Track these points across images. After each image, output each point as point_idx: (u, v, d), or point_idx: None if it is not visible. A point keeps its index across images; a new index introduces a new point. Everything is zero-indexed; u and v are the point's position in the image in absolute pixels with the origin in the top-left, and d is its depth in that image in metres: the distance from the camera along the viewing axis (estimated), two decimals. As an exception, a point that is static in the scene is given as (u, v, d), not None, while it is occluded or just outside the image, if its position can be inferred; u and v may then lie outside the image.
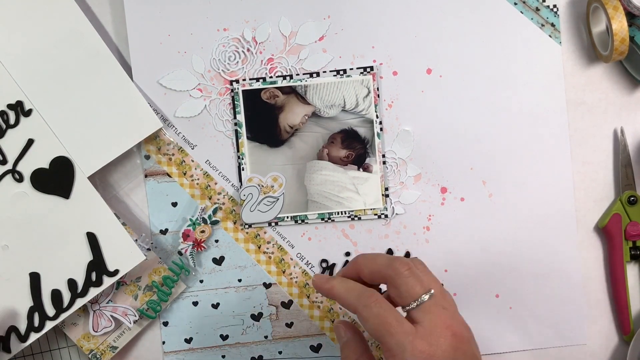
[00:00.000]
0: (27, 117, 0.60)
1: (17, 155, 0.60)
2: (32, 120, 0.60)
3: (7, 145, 0.60)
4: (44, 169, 0.60)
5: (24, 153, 0.60)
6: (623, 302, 0.63)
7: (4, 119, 0.59)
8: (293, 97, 0.63)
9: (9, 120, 0.60)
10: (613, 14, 0.58)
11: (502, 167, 0.63)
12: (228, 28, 0.63)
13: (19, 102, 0.59)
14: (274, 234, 0.64)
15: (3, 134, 0.60)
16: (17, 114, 0.60)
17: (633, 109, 0.64)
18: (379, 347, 0.64)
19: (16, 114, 0.60)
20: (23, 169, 0.60)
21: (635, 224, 0.63)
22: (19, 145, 0.60)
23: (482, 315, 0.64)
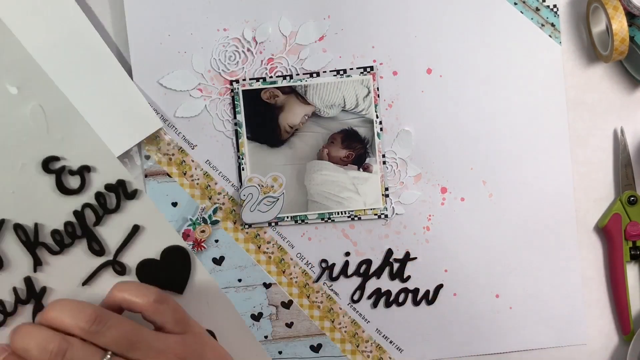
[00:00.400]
0: (131, 199, 0.51)
1: (120, 245, 0.51)
2: (139, 204, 0.50)
3: (108, 233, 0.50)
4: (152, 260, 0.52)
5: (127, 242, 0.51)
6: (623, 302, 0.63)
7: (101, 202, 0.50)
8: (293, 97, 0.63)
9: (108, 204, 0.50)
10: (613, 14, 0.58)
11: (502, 167, 0.63)
12: (228, 28, 0.63)
13: (120, 182, 0.50)
14: (274, 234, 0.64)
15: (100, 221, 0.51)
16: (118, 196, 0.50)
17: (633, 109, 0.64)
18: (379, 347, 0.64)
19: (117, 196, 0.50)
20: (127, 260, 0.51)
21: (635, 224, 0.63)
22: (122, 233, 0.51)
23: (482, 315, 0.64)
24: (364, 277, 0.64)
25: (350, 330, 0.64)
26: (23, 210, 0.48)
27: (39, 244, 0.49)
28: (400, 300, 0.64)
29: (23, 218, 0.48)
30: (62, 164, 0.49)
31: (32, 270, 0.49)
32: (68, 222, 0.49)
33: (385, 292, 0.64)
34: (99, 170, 0.50)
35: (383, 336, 0.64)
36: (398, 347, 0.64)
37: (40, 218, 0.49)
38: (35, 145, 0.47)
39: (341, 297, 0.64)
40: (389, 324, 0.64)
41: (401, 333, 0.64)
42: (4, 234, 0.48)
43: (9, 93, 0.45)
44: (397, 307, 0.64)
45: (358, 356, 0.65)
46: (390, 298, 0.64)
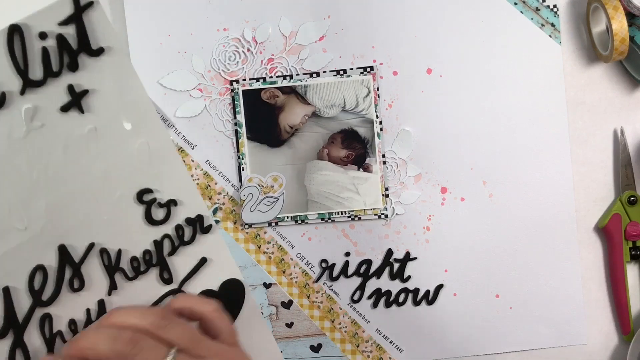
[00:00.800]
0: (205, 234, 0.53)
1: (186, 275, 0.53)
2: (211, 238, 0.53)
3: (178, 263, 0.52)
4: (211, 290, 0.54)
5: (194, 273, 0.53)
6: (623, 302, 0.63)
7: (179, 234, 0.52)
8: (293, 97, 0.63)
9: (184, 236, 0.52)
10: (613, 14, 0.58)
11: (502, 167, 0.63)
12: (228, 28, 0.63)
13: (199, 217, 0.52)
14: (274, 234, 0.64)
15: (175, 251, 0.52)
16: (194, 230, 0.52)
17: (633, 109, 0.64)
18: (379, 347, 0.64)
19: (193, 230, 0.52)
20: (189, 289, 0.53)
21: (635, 224, 0.63)
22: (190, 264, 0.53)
23: (482, 315, 0.64)
24: (364, 277, 0.64)
25: (350, 330, 0.64)
26: (111, 236, 0.50)
27: (118, 269, 0.51)
28: (401, 300, 0.64)
29: (110, 243, 0.50)
30: (154, 196, 0.51)
31: (107, 293, 0.51)
32: (147, 251, 0.52)
33: (386, 292, 0.64)
34: (184, 204, 0.52)
35: (383, 336, 0.64)
36: (398, 347, 0.64)
37: (124, 244, 0.51)
38: (134, 178, 0.50)
39: (341, 297, 0.64)
40: (389, 324, 0.64)
41: (401, 333, 0.64)
42: (91, 256, 0.50)
43: (124, 129, 0.48)
44: (397, 307, 0.64)
45: (358, 356, 0.65)
46: (391, 298, 0.64)
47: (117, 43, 0.47)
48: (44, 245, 0.49)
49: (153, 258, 0.52)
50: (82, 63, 0.47)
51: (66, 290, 0.50)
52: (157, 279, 0.52)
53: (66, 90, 0.47)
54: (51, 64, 0.46)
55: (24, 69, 0.45)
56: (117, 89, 0.48)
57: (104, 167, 0.49)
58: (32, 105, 0.46)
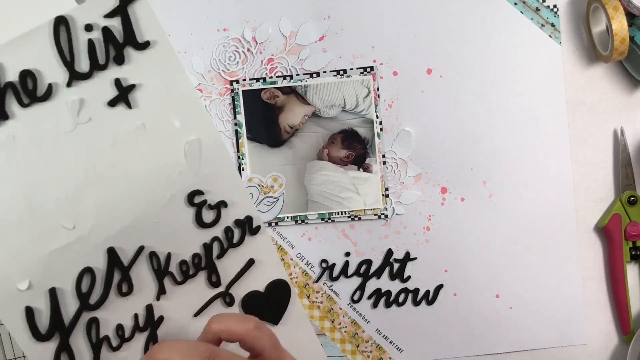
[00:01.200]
0: (253, 235, 0.51)
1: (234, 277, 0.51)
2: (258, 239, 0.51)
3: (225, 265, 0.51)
4: (258, 292, 0.53)
5: (241, 275, 0.52)
6: (623, 302, 0.63)
7: (228, 236, 0.51)
8: (293, 97, 0.63)
9: (233, 238, 0.51)
10: (613, 14, 0.58)
11: (502, 167, 0.63)
12: (228, 28, 0.63)
13: (248, 218, 0.51)
14: (274, 234, 0.64)
15: (223, 254, 0.51)
16: (243, 231, 0.51)
17: (633, 109, 0.64)
18: (379, 347, 0.64)
19: (242, 231, 0.51)
20: (236, 291, 0.52)
21: (635, 224, 0.63)
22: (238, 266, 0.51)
23: (482, 315, 0.64)
24: (364, 277, 0.64)
25: (350, 330, 0.64)
26: (161, 239, 0.49)
27: (167, 273, 0.50)
28: (401, 300, 0.64)
29: (159, 247, 0.49)
30: (204, 198, 0.50)
31: (155, 298, 0.50)
32: (196, 254, 0.51)
33: (386, 292, 0.64)
34: (234, 205, 0.51)
35: (383, 336, 0.64)
36: (398, 347, 0.64)
37: (174, 248, 0.50)
38: (185, 178, 0.48)
39: (341, 297, 0.64)
40: (389, 324, 0.64)
41: (401, 333, 0.64)
42: (140, 260, 0.49)
43: (174, 126, 0.47)
44: (397, 307, 0.64)
45: (358, 356, 0.65)
46: (391, 298, 0.64)
47: (162, 36, 0.46)
48: (93, 247, 0.48)
49: (202, 261, 0.51)
50: (128, 56, 0.46)
51: (114, 294, 0.49)
52: (205, 282, 0.51)
53: (113, 84, 0.46)
54: (97, 56, 0.46)
55: (70, 61, 0.45)
56: (165, 84, 0.47)
57: (154, 166, 0.48)
58: (78, 97, 0.46)
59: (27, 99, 0.44)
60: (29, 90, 0.44)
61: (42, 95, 0.44)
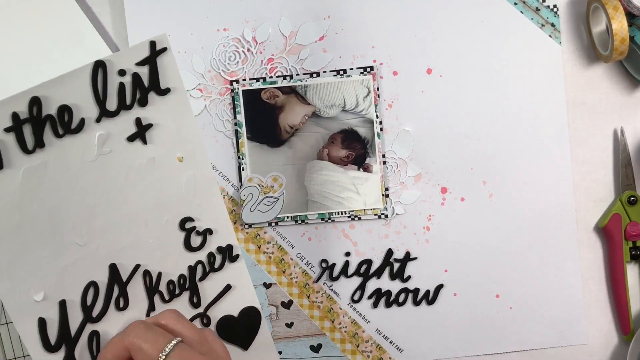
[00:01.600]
0: (232, 262, 0.57)
1: (212, 300, 0.57)
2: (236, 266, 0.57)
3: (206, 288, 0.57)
4: (231, 317, 0.58)
5: (218, 298, 0.57)
6: (623, 302, 0.63)
7: (210, 261, 0.57)
8: (293, 97, 0.63)
9: (215, 263, 0.57)
10: (613, 14, 0.58)
11: (502, 167, 0.63)
12: (228, 28, 0.63)
13: (229, 246, 0.57)
14: (274, 234, 0.64)
15: (205, 277, 0.57)
16: (224, 258, 0.57)
17: (633, 109, 0.64)
18: (379, 347, 0.64)
19: (223, 258, 0.57)
20: (212, 314, 0.57)
21: (635, 224, 0.63)
22: (216, 290, 0.57)
23: (482, 315, 0.64)
24: (364, 277, 0.64)
25: (350, 330, 0.64)
26: (154, 259, 0.54)
27: (157, 291, 0.55)
28: (401, 300, 0.64)
29: (152, 266, 0.54)
30: (194, 225, 0.55)
31: (145, 314, 0.55)
32: (182, 275, 0.55)
33: (386, 292, 0.64)
34: (217, 233, 0.56)
35: (383, 336, 0.64)
36: (398, 347, 0.64)
37: (165, 268, 0.55)
38: (180, 206, 0.54)
39: (341, 297, 0.64)
40: (389, 324, 0.64)
41: (401, 333, 0.64)
42: (136, 277, 0.54)
43: (177, 161, 0.54)
44: (398, 307, 0.64)
45: (358, 356, 0.65)
46: (391, 298, 0.64)
47: (180, 85, 0.53)
48: (98, 262, 0.53)
49: (187, 282, 0.56)
50: (150, 100, 0.52)
51: (113, 308, 0.53)
52: (187, 302, 0.56)
53: (134, 122, 0.52)
54: (126, 97, 0.52)
55: (103, 100, 0.51)
56: (176, 125, 0.53)
57: (157, 194, 0.54)
58: (105, 132, 0.51)
59: (62, 130, 0.50)
60: (65, 122, 0.50)
61: (75, 128, 0.51)
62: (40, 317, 0.51)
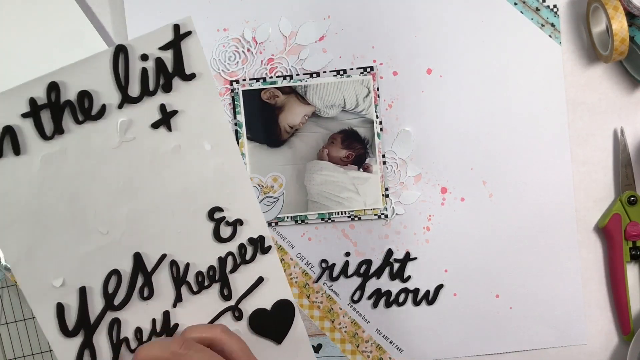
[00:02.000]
0: (264, 254, 0.55)
1: (243, 293, 0.55)
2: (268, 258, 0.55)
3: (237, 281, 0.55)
4: (264, 309, 0.56)
5: (251, 291, 0.55)
6: (623, 302, 0.63)
7: (242, 252, 0.55)
8: (293, 97, 0.63)
9: (246, 255, 0.55)
10: (613, 14, 0.58)
11: (502, 167, 0.63)
12: (228, 28, 0.63)
13: (260, 237, 0.55)
14: (274, 234, 0.64)
15: (236, 269, 0.55)
16: (255, 249, 0.55)
17: (633, 109, 0.64)
18: (379, 347, 0.64)
19: (254, 249, 0.55)
20: (244, 307, 0.55)
21: (635, 224, 0.63)
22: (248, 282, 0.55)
23: (482, 315, 0.64)
24: (364, 277, 0.64)
25: (350, 331, 0.64)
26: (181, 249, 0.53)
27: (185, 282, 0.54)
28: (401, 300, 0.64)
29: (180, 256, 0.53)
30: (223, 215, 0.54)
31: (172, 305, 0.54)
32: (211, 266, 0.54)
33: (386, 292, 0.64)
34: (248, 224, 0.54)
35: (383, 336, 0.64)
36: (398, 347, 0.64)
37: (193, 259, 0.54)
38: (208, 196, 0.53)
39: (341, 297, 0.64)
40: (389, 324, 0.64)
41: (401, 333, 0.64)
42: (162, 267, 0.53)
43: (204, 149, 0.52)
44: (397, 307, 0.64)
45: (358, 356, 0.65)
46: (391, 298, 0.64)
47: (206, 70, 0.51)
48: (122, 251, 0.52)
49: (216, 274, 0.54)
50: (175, 85, 0.51)
51: (136, 297, 0.53)
52: (218, 294, 0.55)
53: (158, 109, 0.51)
54: (149, 83, 0.51)
55: (125, 86, 0.50)
56: (202, 112, 0.52)
57: (183, 183, 0.52)
58: (127, 118, 0.51)
59: (82, 116, 0.49)
60: (85, 108, 0.49)
61: (96, 114, 0.50)
62: (59, 303, 0.51)
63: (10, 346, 0.65)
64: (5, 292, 0.64)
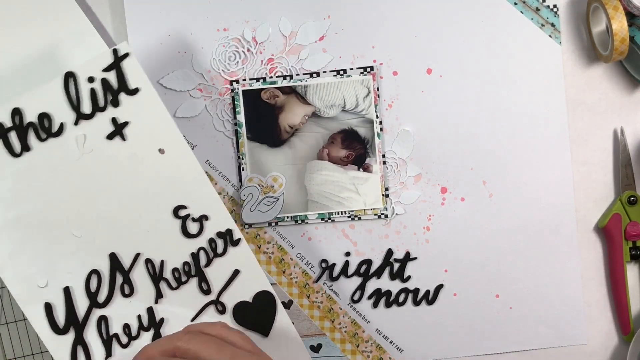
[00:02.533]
0: (235, 246, 0.58)
1: (222, 286, 0.58)
2: (239, 250, 0.58)
3: (213, 275, 0.58)
4: (246, 302, 0.58)
5: (229, 284, 0.58)
6: (623, 302, 0.63)
7: (212, 247, 0.58)
8: (293, 97, 0.63)
9: (217, 249, 0.58)
10: (613, 14, 0.58)
11: (502, 167, 0.63)
12: (228, 28, 0.63)
13: (228, 231, 0.58)
14: (274, 234, 0.64)
15: (210, 263, 0.58)
16: (225, 242, 0.58)
17: (633, 109, 0.64)
18: (379, 347, 0.64)
19: (225, 242, 0.58)
20: (225, 300, 0.58)
21: (635, 224, 0.63)
22: (225, 275, 0.58)
23: (482, 315, 0.64)
24: (364, 277, 0.64)
25: (350, 330, 0.64)
26: (154, 247, 0.58)
27: (162, 279, 0.58)
28: (401, 300, 0.64)
29: (153, 254, 0.58)
30: (188, 212, 0.58)
31: (154, 301, 0.58)
32: (186, 262, 0.58)
33: (386, 292, 0.64)
34: (213, 219, 0.58)
35: (383, 336, 0.64)
36: (398, 347, 0.64)
37: (166, 256, 0.58)
38: (170, 195, 0.58)
39: (341, 297, 0.64)
40: (389, 324, 0.64)
41: (401, 333, 0.64)
42: (138, 265, 0.57)
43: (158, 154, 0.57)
44: (398, 307, 0.64)
45: (358, 356, 0.65)
46: (391, 298, 0.64)
47: (147, 84, 0.57)
48: (98, 252, 0.57)
49: (192, 269, 0.58)
50: (122, 100, 0.57)
51: (119, 295, 0.57)
52: (197, 289, 0.58)
53: (110, 122, 0.57)
54: (98, 101, 0.57)
55: (77, 105, 0.56)
56: (150, 121, 0.57)
57: (144, 186, 0.57)
58: (83, 133, 0.57)
59: (44, 134, 0.56)
60: (45, 127, 0.56)
61: (56, 132, 0.56)
62: (47, 302, 0.56)
63: (10, 346, 0.65)
64: (5, 292, 0.64)
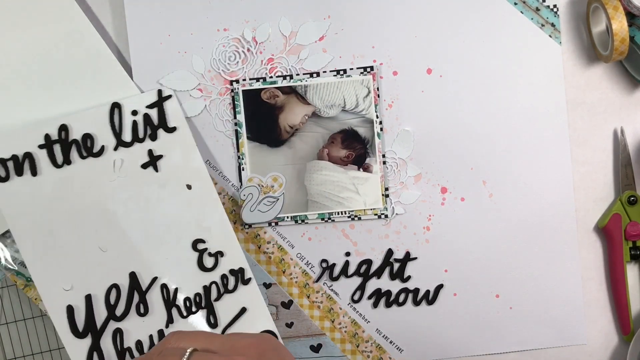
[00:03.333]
0: (245, 284, 0.61)
1: (229, 322, 0.61)
2: (249, 289, 0.61)
3: (222, 309, 0.61)
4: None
5: (235, 320, 0.61)
6: (623, 302, 0.63)
7: (224, 282, 0.61)
8: (293, 97, 0.63)
9: (228, 285, 0.61)
10: (613, 14, 0.58)
11: (502, 167, 0.63)
12: (228, 28, 0.63)
13: (241, 269, 0.61)
14: (274, 234, 0.64)
15: (220, 297, 0.61)
16: (237, 280, 0.61)
17: (633, 109, 0.64)
18: (379, 347, 0.64)
19: (236, 280, 0.61)
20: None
21: (635, 224, 0.63)
22: (233, 311, 0.61)
23: (482, 315, 0.64)
24: (364, 277, 0.64)
25: (350, 330, 0.64)
26: (170, 274, 0.61)
27: (174, 305, 0.61)
28: (401, 300, 0.64)
29: (169, 280, 0.61)
30: (205, 246, 0.61)
31: (165, 325, 0.60)
32: (197, 293, 0.61)
33: (386, 292, 0.64)
34: (228, 256, 0.61)
35: (383, 336, 0.64)
36: (398, 347, 0.64)
37: (180, 284, 0.61)
38: (191, 228, 0.61)
39: (341, 297, 0.64)
40: (389, 324, 0.64)
41: (401, 333, 0.64)
42: (154, 288, 0.60)
43: (185, 188, 0.61)
44: (398, 307, 0.64)
45: (358, 356, 0.65)
46: (391, 298, 0.64)
47: (184, 124, 0.62)
48: (119, 268, 0.60)
49: (202, 301, 0.61)
50: (159, 135, 0.61)
51: (134, 312, 0.60)
52: (204, 321, 0.61)
53: (146, 153, 0.61)
54: (138, 132, 0.61)
55: (119, 133, 0.61)
56: (182, 158, 0.61)
57: (169, 216, 0.61)
58: (121, 158, 0.61)
59: (85, 152, 0.60)
60: (88, 147, 0.60)
61: (96, 152, 0.61)
62: (69, 305, 0.59)
63: (10, 346, 0.65)
64: (5, 292, 0.64)
